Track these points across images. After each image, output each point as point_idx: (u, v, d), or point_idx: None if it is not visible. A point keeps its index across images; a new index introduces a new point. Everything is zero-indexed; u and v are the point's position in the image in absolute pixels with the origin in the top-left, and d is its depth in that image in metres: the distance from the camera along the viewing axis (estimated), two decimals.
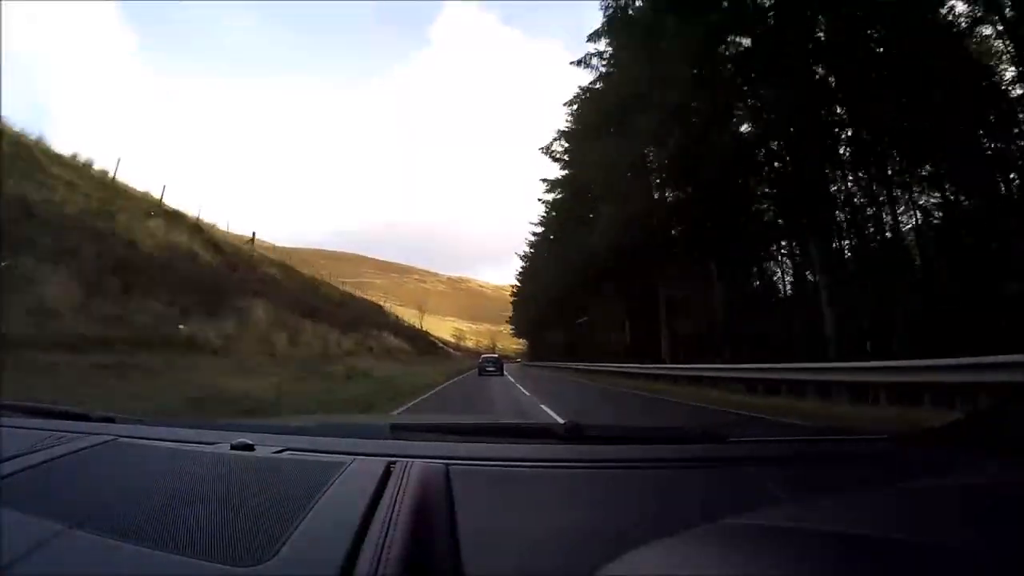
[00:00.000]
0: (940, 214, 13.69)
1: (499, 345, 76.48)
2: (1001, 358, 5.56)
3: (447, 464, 0.77)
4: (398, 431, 1.09)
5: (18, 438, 0.92)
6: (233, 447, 0.88)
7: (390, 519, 0.59)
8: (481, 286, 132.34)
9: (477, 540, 0.59)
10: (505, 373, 23.13)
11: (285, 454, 0.90)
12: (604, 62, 22.41)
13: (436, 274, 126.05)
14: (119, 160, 19.03)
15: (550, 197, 31.68)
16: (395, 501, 0.63)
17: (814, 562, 0.42)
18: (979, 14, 11.54)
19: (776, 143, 15.31)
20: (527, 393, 11.99)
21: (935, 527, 0.48)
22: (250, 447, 0.89)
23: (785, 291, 19.05)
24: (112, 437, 0.95)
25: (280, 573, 0.51)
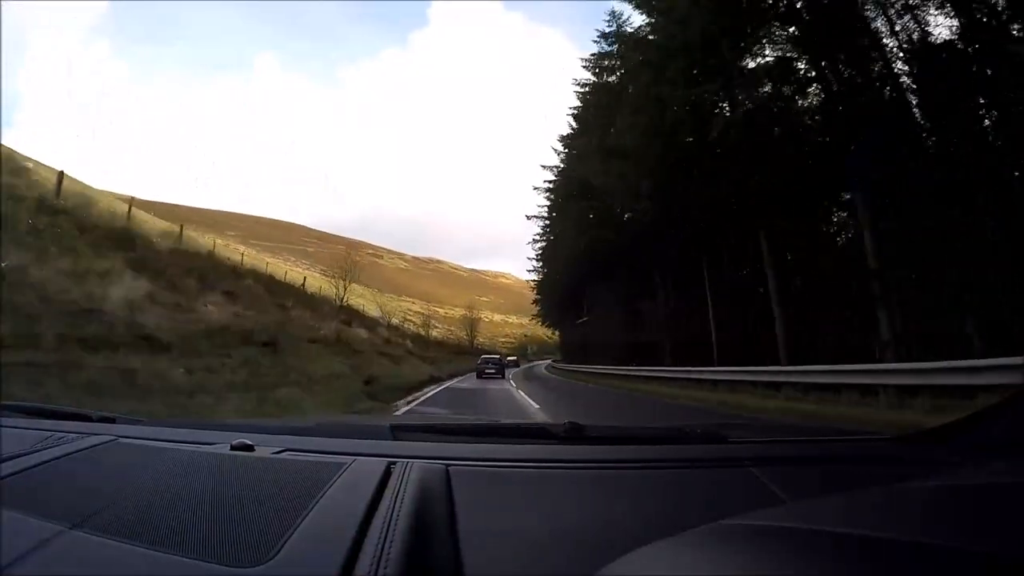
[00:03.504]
0: None
1: (479, 337, 56.48)
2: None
3: (447, 465, 0.77)
4: (398, 432, 1.09)
5: (18, 438, 0.92)
6: (233, 447, 0.88)
7: (390, 520, 0.59)
8: (454, 268, 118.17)
9: (477, 540, 0.59)
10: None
11: (285, 454, 0.90)
12: None
13: (399, 253, 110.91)
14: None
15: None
16: (395, 502, 0.63)
17: (814, 562, 0.42)
18: None
19: None
20: None
21: (935, 527, 0.48)
22: (250, 447, 0.88)
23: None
24: (112, 437, 0.95)
25: (280, 573, 0.51)
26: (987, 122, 10.53)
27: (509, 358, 26.74)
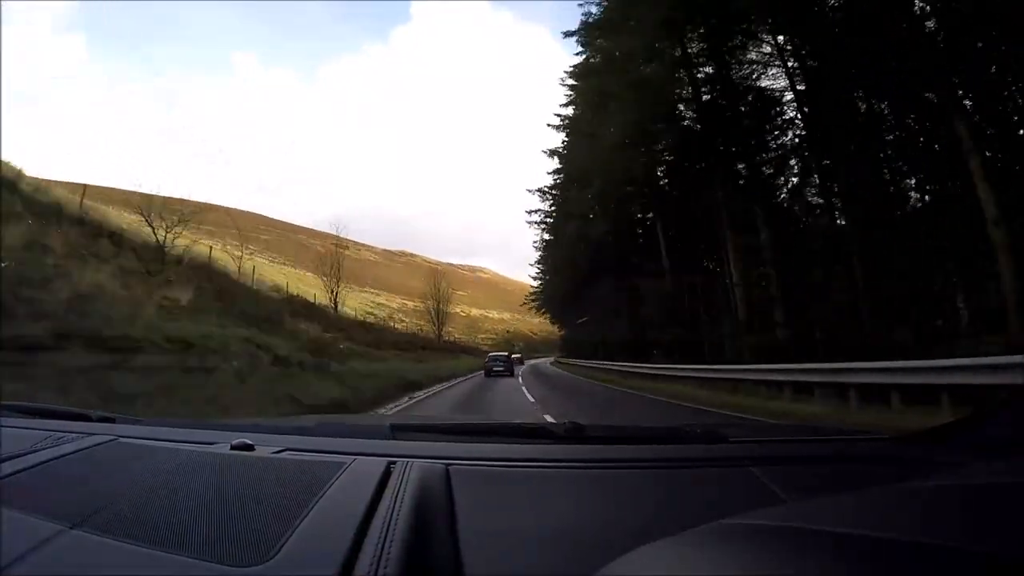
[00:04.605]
0: None
1: (454, 333, 48.79)
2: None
3: (447, 464, 0.77)
4: (398, 431, 1.09)
5: (18, 438, 0.92)
6: (233, 447, 0.88)
7: (390, 519, 0.59)
8: (427, 261, 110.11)
9: (477, 540, 0.59)
10: None
11: (285, 454, 0.90)
12: None
13: (368, 245, 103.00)
14: None
15: None
16: (395, 501, 0.63)
17: (814, 562, 0.42)
18: None
19: None
20: None
21: (935, 527, 0.48)
22: (250, 447, 0.89)
23: None
24: (112, 437, 0.95)
25: (280, 573, 0.52)
26: None
27: (515, 356, 23.64)
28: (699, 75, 15.75)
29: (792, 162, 14.76)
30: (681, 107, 16.46)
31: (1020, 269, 8.16)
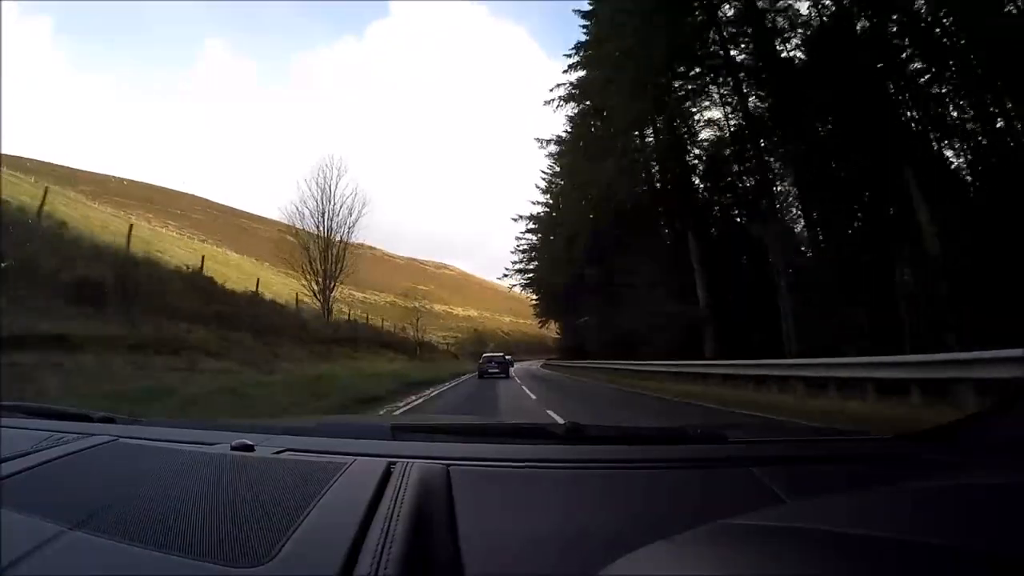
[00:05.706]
0: None
1: (410, 330, 37.04)
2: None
3: (447, 465, 0.77)
4: (398, 432, 1.09)
5: (18, 438, 0.92)
6: (233, 447, 0.88)
7: (390, 520, 0.59)
8: (387, 255, 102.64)
9: (477, 540, 0.59)
10: None
11: (285, 454, 0.90)
12: None
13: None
14: None
15: None
16: (395, 502, 0.63)
17: (814, 562, 0.42)
18: None
19: None
20: None
21: (935, 527, 0.48)
22: (250, 447, 0.89)
23: None
24: (112, 437, 0.96)
25: (280, 573, 0.52)
26: None
27: (507, 357, 21.27)
28: None
29: None
30: None
31: None
